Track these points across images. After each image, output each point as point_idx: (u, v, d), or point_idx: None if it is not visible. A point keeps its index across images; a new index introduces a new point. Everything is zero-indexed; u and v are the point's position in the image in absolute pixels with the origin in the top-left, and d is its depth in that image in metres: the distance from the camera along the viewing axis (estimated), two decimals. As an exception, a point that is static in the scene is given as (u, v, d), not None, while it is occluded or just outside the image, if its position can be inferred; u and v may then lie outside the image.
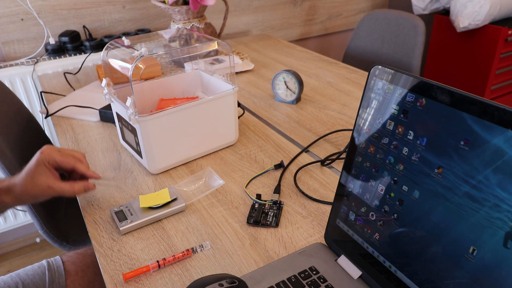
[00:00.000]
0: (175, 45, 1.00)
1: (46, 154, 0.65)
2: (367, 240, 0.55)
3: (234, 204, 0.75)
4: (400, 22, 1.54)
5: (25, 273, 0.85)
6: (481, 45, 1.98)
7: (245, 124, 1.03)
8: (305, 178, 0.82)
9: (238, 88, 0.89)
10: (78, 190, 0.68)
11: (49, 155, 0.65)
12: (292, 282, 0.55)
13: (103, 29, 1.64)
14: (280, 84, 1.13)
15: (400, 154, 0.49)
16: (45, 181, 0.65)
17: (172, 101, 0.90)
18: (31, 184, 0.64)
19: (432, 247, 0.46)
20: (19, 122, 1.12)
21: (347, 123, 1.03)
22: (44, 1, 1.49)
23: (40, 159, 0.65)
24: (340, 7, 2.23)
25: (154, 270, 0.61)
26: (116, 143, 0.97)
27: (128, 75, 0.75)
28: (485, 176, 0.40)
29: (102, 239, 0.68)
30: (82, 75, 1.38)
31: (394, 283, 0.51)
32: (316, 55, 1.54)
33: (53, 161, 0.65)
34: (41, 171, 0.65)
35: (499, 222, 0.39)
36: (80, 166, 0.68)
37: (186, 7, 1.33)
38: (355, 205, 0.56)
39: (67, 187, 0.67)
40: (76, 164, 0.68)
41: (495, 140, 0.39)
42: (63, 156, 0.67)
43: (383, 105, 0.51)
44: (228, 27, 1.91)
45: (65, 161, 0.67)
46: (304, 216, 0.71)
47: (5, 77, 1.42)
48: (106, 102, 0.89)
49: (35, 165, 0.65)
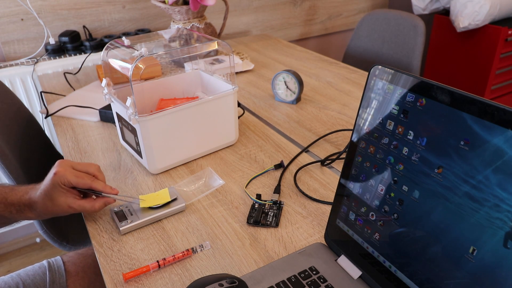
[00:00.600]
0: (175, 45, 1.00)
1: (60, 176, 0.64)
2: (367, 240, 0.55)
3: (234, 204, 0.75)
4: (400, 22, 1.54)
5: (25, 273, 0.85)
6: (481, 45, 1.98)
7: (245, 124, 1.03)
8: (305, 178, 0.82)
9: (238, 88, 0.89)
10: (99, 207, 0.68)
11: (64, 178, 0.64)
12: (292, 282, 0.55)
13: (103, 29, 1.64)
14: (280, 84, 1.13)
15: (400, 154, 0.49)
16: (64, 202, 0.65)
17: (172, 101, 0.90)
18: (51, 205, 0.65)
19: (432, 247, 0.46)
20: (19, 122, 1.12)
21: (347, 123, 1.03)
22: (44, 1, 1.49)
23: (55, 181, 0.64)
24: (340, 7, 2.23)
25: (154, 270, 0.61)
26: (116, 143, 0.97)
27: (128, 75, 0.75)
28: (485, 176, 0.40)
29: (102, 239, 0.68)
30: (82, 75, 1.38)
31: (394, 283, 0.51)
32: (316, 55, 1.54)
33: (68, 183, 0.64)
34: (58, 193, 0.64)
35: (499, 222, 0.39)
36: (96, 185, 0.67)
37: (186, 7, 1.33)
38: (355, 205, 0.56)
39: (88, 206, 0.66)
40: (92, 184, 0.66)
41: (495, 140, 0.39)
42: (78, 178, 0.65)
43: (383, 105, 0.51)
44: (228, 27, 1.91)
45: (81, 183, 0.65)
46: (304, 216, 0.71)
47: (5, 77, 1.42)
48: (106, 102, 0.89)
49: (51, 187, 0.64)
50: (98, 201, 0.68)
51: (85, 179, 0.66)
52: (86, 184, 0.66)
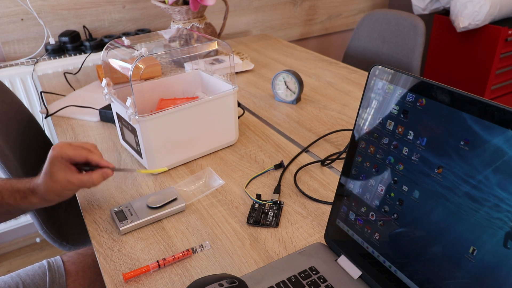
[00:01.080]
0: (175, 45, 1.00)
1: (58, 150, 0.66)
2: (367, 240, 0.55)
3: (234, 204, 0.75)
4: (400, 22, 1.54)
5: (25, 273, 0.85)
6: (481, 45, 1.98)
7: (245, 124, 1.03)
8: (305, 178, 0.82)
9: (238, 88, 0.89)
10: (97, 179, 0.68)
11: (61, 151, 0.65)
12: (292, 282, 0.55)
13: (103, 29, 1.64)
14: (280, 84, 1.13)
15: (400, 154, 0.49)
16: (63, 177, 0.65)
17: (172, 101, 0.90)
18: (51, 182, 0.65)
19: (432, 247, 0.46)
20: (19, 122, 1.12)
21: (347, 123, 1.03)
22: (44, 1, 1.49)
23: (53, 156, 0.65)
24: (340, 7, 2.23)
25: (154, 270, 0.61)
26: (116, 143, 0.97)
27: (128, 75, 0.75)
28: (485, 176, 0.40)
29: (102, 239, 0.68)
30: (82, 75, 1.38)
31: (394, 283, 0.51)
32: (316, 55, 1.54)
33: (66, 156, 0.66)
34: (57, 168, 0.65)
35: (499, 222, 0.39)
36: (93, 157, 0.68)
37: (186, 7, 1.33)
38: (355, 205, 0.56)
39: (86, 178, 0.67)
40: (89, 156, 0.68)
41: (495, 140, 0.39)
42: (75, 150, 0.67)
43: (383, 105, 0.51)
44: (228, 27, 1.91)
45: (78, 154, 0.66)
46: (304, 216, 0.71)
47: (5, 77, 1.42)
48: (106, 102, 0.89)
49: (50, 163, 0.65)
50: (96, 173, 0.68)
51: (82, 151, 0.67)
52: (83, 156, 0.67)
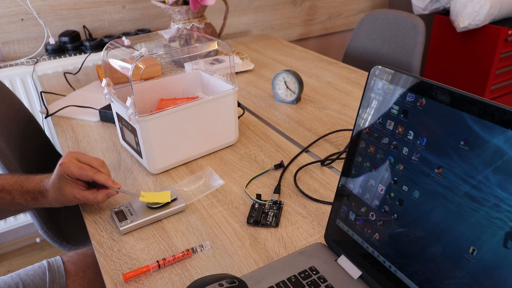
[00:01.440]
0: (175, 45, 1.00)
1: (65, 167, 0.67)
2: (367, 240, 0.55)
3: (234, 204, 0.75)
4: (400, 22, 1.54)
5: (25, 273, 0.85)
6: (481, 45, 1.98)
7: (245, 124, 1.03)
8: (305, 178, 0.82)
9: (238, 88, 0.89)
10: (102, 199, 0.71)
11: (68, 169, 0.67)
12: (292, 282, 0.55)
13: (103, 29, 1.64)
14: (280, 84, 1.13)
15: (400, 154, 0.49)
16: (70, 192, 0.68)
17: (172, 101, 0.90)
18: (59, 194, 0.68)
19: (432, 247, 0.46)
20: (19, 122, 1.12)
21: (347, 123, 1.03)
22: (44, 1, 1.49)
23: (60, 172, 0.68)
24: (340, 7, 2.23)
25: (154, 270, 0.61)
26: (116, 143, 0.97)
27: (128, 75, 0.75)
28: (485, 176, 0.40)
29: (102, 239, 0.68)
30: (82, 75, 1.38)
31: (394, 283, 0.51)
32: (316, 55, 1.54)
33: (72, 175, 0.68)
34: (64, 184, 0.68)
35: (499, 222, 0.39)
36: (99, 177, 0.70)
37: (186, 7, 1.33)
38: (355, 205, 0.56)
39: (91, 197, 0.70)
40: (94, 176, 0.69)
41: (495, 140, 0.39)
42: (81, 170, 0.68)
43: (383, 105, 0.51)
44: (228, 27, 1.91)
45: (84, 175, 0.68)
46: (304, 216, 0.71)
47: (5, 77, 1.42)
48: (106, 102, 0.89)
49: (58, 179, 0.68)
50: (101, 192, 0.70)
51: (88, 171, 0.69)
52: (88, 176, 0.69)
